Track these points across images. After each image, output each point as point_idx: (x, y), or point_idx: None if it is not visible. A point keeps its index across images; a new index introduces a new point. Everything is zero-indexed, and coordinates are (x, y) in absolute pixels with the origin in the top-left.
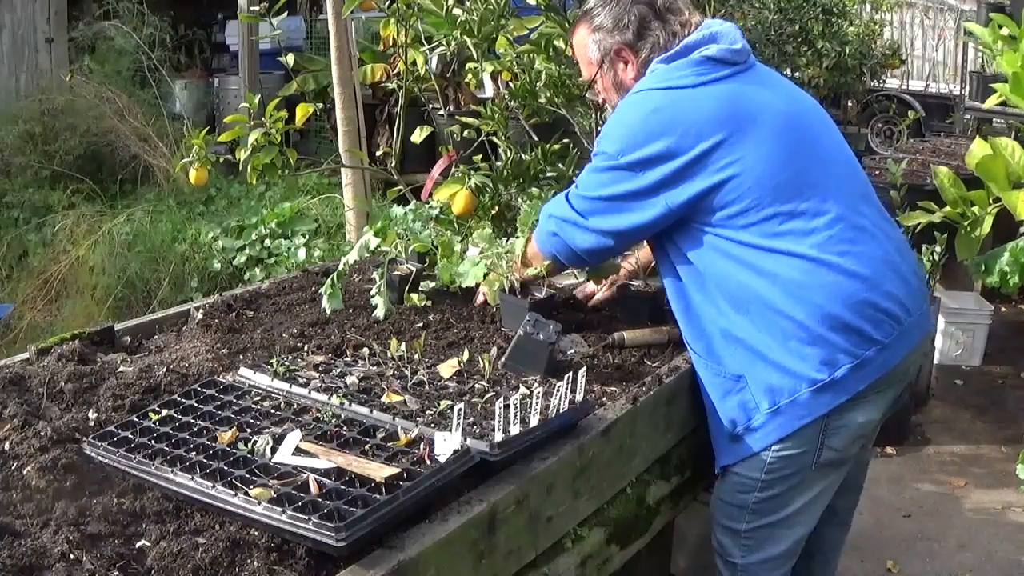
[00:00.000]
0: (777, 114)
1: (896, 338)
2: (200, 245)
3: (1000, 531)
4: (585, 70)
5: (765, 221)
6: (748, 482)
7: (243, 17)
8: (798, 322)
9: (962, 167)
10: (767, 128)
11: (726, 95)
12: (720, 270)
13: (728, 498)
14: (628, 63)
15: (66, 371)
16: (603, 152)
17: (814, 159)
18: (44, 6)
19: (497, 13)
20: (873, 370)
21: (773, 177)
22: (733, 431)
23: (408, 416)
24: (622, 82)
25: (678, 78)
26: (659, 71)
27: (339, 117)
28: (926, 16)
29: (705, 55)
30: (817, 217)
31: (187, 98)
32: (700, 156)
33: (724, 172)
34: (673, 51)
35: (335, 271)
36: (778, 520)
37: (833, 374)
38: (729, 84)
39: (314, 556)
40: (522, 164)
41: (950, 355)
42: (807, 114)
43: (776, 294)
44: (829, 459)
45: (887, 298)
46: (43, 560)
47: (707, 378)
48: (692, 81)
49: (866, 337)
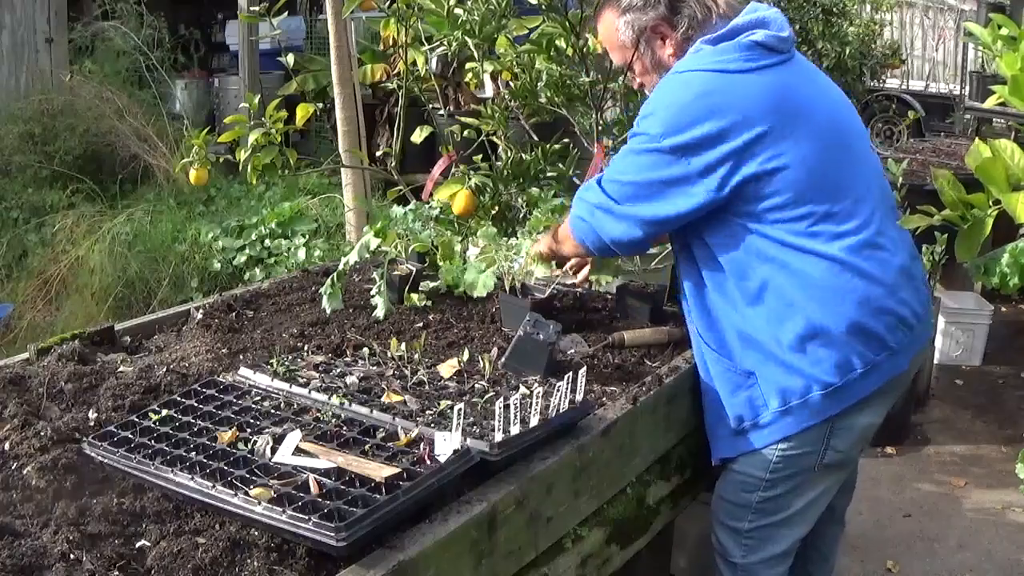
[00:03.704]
0: (820, 111)
1: (906, 344)
2: (200, 245)
3: (1000, 531)
4: (617, 55)
5: (799, 220)
6: (752, 481)
7: (243, 17)
8: (818, 325)
9: (962, 167)
10: (811, 124)
11: (774, 85)
12: (744, 264)
13: (731, 497)
14: (666, 39)
15: (66, 371)
16: (644, 133)
17: (849, 161)
18: (44, 6)
19: (498, 13)
20: (883, 374)
21: (812, 175)
22: (738, 426)
23: (408, 416)
24: (660, 60)
25: (726, 61)
26: (705, 52)
27: (339, 117)
28: (926, 16)
29: (753, 40)
30: (848, 220)
31: (187, 98)
32: (746, 145)
33: (768, 164)
34: (719, 32)
35: (335, 271)
36: (780, 520)
37: (845, 378)
38: (776, 73)
39: (314, 556)
40: (522, 164)
41: (950, 355)
42: (845, 114)
43: (801, 294)
44: (833, 460)
45: (902, 305)
46: (43, 560)
47: (716, 371)
48: (741, 66)
49: (881, 343)
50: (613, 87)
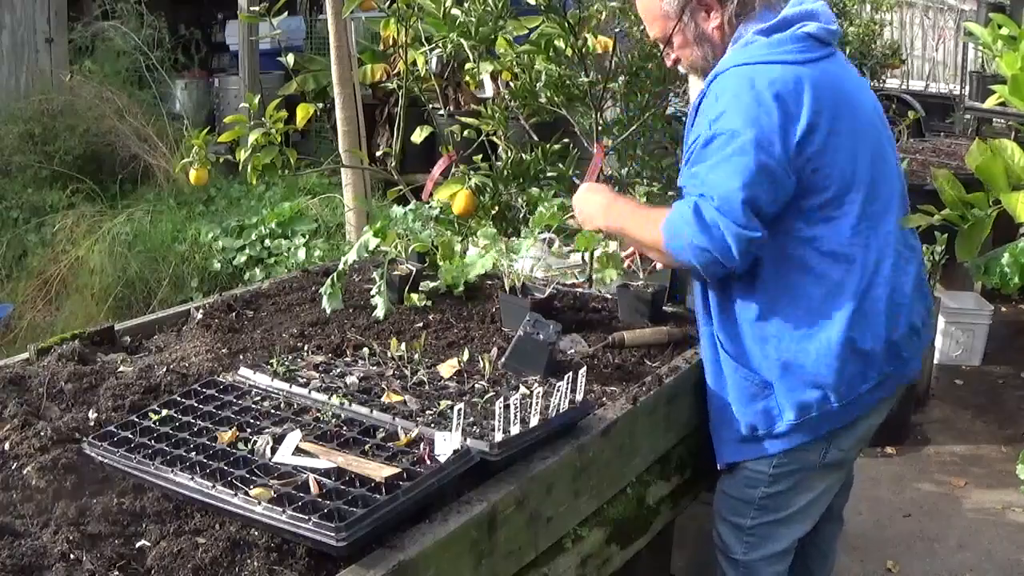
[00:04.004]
0: (864, 108)
1: (916, 350)
2: (200, 245)
3: (1000, 531)
4: (657, 27)
5: (842, 219)
6: (757, 477)
7: (243, 17)
8: (848, 338)
9: (962, 167)
10: (857, 120)
11: (829, 78)
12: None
13: (735, 492)
14: (711, 11)
15: (66, 371)
16: (722, 133)
17: (884, 164)
18: (44, 6)
19: (495, 15)
20: (895, 382)
21: (856, 172)
22: (750, 434)
23: (408, 416)
24: (704, 33)
25: (784, 52)
26: (760, 44)
27: (339, 117)
28: (926, 16)
29: (806, 31)
30: (881, 227)
31: (187, 98)
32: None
33: (821, 158)
34: (770, 23)
35: (335, 271)
36: (782, 518)
37: (860, 390)
38: (828, 66)
39: (314, 556)
40: (522, 164)
41: (950, 355)
42: (880, 114)
43: (834, 306)
44: (834, 459)
45: (918, 316)
46: (43, 560)
47: (733, 380)
48: (797, 58)
49: (898, 353)
50: (613, 87)
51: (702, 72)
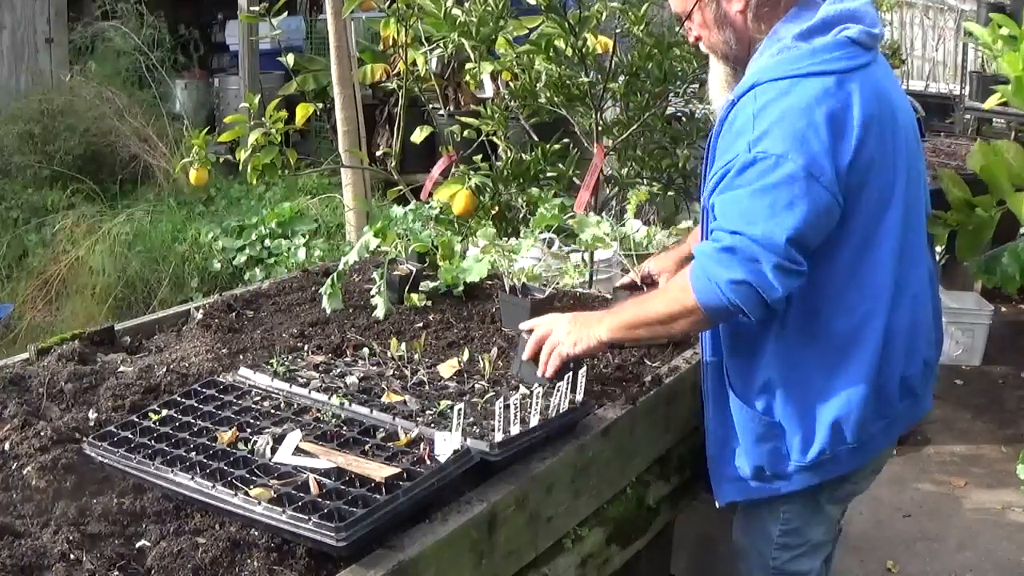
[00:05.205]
0: (906, 125)
1: (927, 384)
2: (200, 245)
3: (1000, 531)
4: (678, 1)
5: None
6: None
7: (243, 17)
8: (869, 375)
9: (962, 167)
10: (899, 134)
11: (875, 89)
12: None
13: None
14: None
15: (66, 371)
16: (765, 156)
17: (917, 181)
18: (44, 6)
19: (495, 15)
20: (906, 422)
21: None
22: (755, 475)
23: (408, 416)
24: (726, 15)
25: (827, 62)
26: (801, 53)
27: (339, 117)
28: (926, 16)
29: (848, 36)
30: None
31: (187, 98)
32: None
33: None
34: (808, 25)
35: (335, 271)
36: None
37: (873, 429)
38: (871, 75)
39: (314, 556)
40: (522, 164)
41: (950, 355)
42: (915, 129)
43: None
44: (847, 493)
45: (934, 349)
46: (43, 560)
47: (739, 419)
48: (841, 66)
49: (912, 392)
50: (613, 87)
51: (723, 58)
